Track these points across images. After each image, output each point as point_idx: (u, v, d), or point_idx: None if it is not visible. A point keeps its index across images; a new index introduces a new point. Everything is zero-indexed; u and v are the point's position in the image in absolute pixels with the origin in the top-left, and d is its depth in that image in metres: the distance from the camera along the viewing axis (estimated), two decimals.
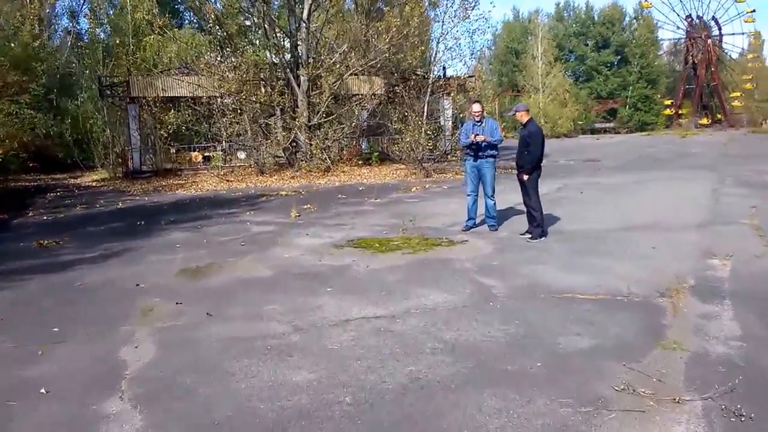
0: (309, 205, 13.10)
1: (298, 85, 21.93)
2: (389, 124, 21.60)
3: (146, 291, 6.49)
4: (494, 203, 9.58)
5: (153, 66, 21.34)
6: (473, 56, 25.09)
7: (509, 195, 11.46)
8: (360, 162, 23.36)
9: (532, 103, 54.70)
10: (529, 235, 8.71)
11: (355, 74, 22.42)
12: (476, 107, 9.46)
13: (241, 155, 23.23)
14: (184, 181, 20.62)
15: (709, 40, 68.41)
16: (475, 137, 9.13)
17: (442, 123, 24.75)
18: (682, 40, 72.50)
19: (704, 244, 8.05)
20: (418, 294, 6.07)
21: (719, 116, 68.40)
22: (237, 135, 21.14)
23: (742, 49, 71.16)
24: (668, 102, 71.55)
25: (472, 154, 9.44)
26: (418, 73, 23.03)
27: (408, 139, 19.65)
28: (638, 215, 10.42)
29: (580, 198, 12.88)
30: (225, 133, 20.76)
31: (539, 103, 57.93)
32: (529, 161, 8.46)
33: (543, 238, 8.59)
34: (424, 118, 21.61)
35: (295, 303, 5.89)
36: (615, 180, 16.22)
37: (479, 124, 9.36)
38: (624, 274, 6.66)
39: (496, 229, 9.50)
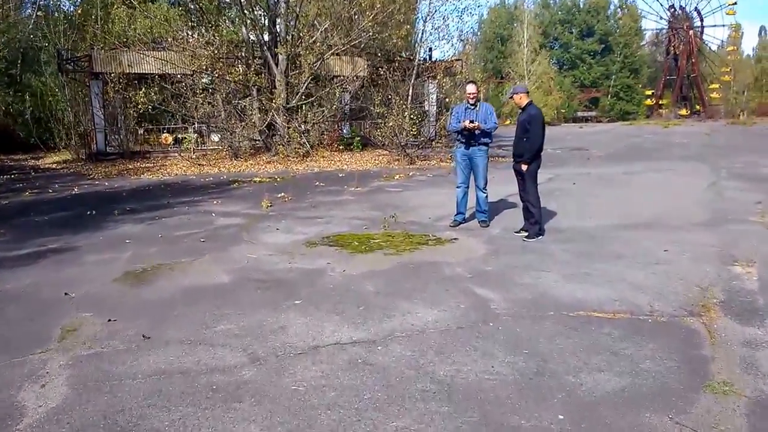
0: (283, 194, 12.02)
1: (276, 64, 20.71)
2: (372, 108, 20.52)
3: (75, 302, 5.40)
4: (486, 196, 8.60)
5: (119, 40, 19.91)
6: (461, 38, 24.00)
7: (498, 186, 10.49)
8: (341, 147, 22.26)
9: None
10: (525, 234, 7.75)
11: (337, 54, 21.25)
12: (471, 88, 8.43)
13: (215, 138, 21.99)
14: (151, 165, 19.39)
15: (691, 31, 68.00)
16: (467, 124, 8.10)
17: (426, 108, 23.69)
18: (665, 31, 72.04)
19: (719, 247, 7.15)
20: (403, 310, 5.06)
21: (698, 107, 68.21)
22: (209, 116, 19.90)
23: (722, 41, 71.02)
24: (649, 92, 71.17)
25: (464, 141, 8.43)
26: (403, 54, 21.90)
27: (391, 124, 18.58)
28: (639, 210, 9.50)
29: (574, 190, 11.94)
30: (196, 114, 19.51)
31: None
32: (529, 149, 7.47)
33: (540, 236, 7.62)
34: (409, 102, 20.55)
35: (254, 321, 4.86)
36: (607, 170, 15.33)
37: (473, 107, 8.33)
38: (641, 284, 5.72)
39: (488, 225, 8.53)
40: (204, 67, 18.81)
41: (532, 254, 6.93)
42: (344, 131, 23.73)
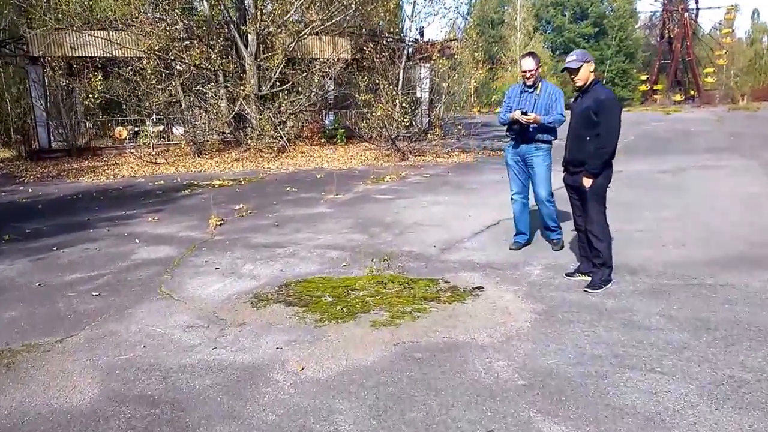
0: (242, 205, 9.31)
1: (245, 45, 17.91)
2: (357, 95, 17.79)
3: None
4: (554, 208, 6.30)
5: (59, 19, 16.96)
6: (458, 12, 21.15)
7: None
8: (323, 140, 19.53)
9: (509, 76, 51.22)
10: (584, 278, 5.15)
11: (316, 33, 18.48)
12: (526, 63, 5.95)
13: (178, 131, 19.16)
14: (101, 164, 16.59)
15: (686, 14, 65.62)
16: (518, 115, 5.86)
17: (419, 95, 20.94)
18: (659, 13, 69.66)
19: None
20: None
21: (692, 93, 65.91)
22: (166, 106, 17.10)
23: (716, 23, 68.76)
24: (644, 77, 68.78)
25: (514, 137, 6.09)
26: (392, 32, 19.12)
27: (379, 114, 15.87)
28: (725, 229, 6.88)
29: (614, 198, 9.24)
30: (151, 104, 16.69)
31: (516, 76, 54.44)
32: (596, 155, 4.80)
33: (608, 284, 4.98)
34: (399, 88, 17.81)
35: None
36: (638, 168, 12.64)
37: (530, 90, 5.93)
38: None
39: (560, 246, 6.29)
40: (156, 49, 15.96)
41: (612, 322, 4.29)
42: (327, 122, 20.95)
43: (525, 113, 5.75)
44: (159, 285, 5.59)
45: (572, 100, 5.15)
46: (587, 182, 4.86)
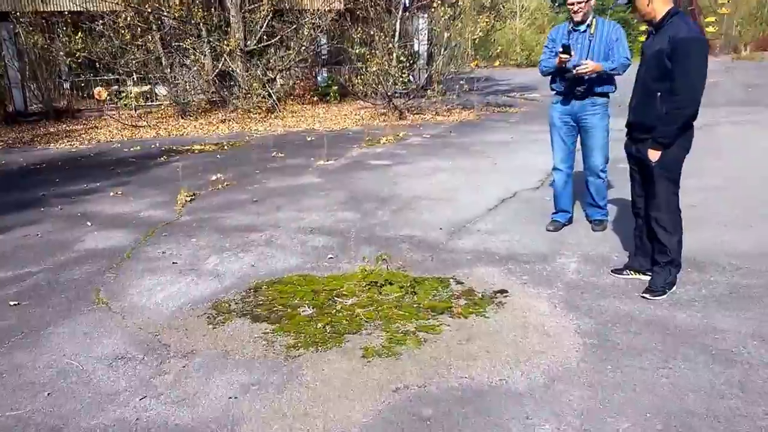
0: (220, 175, 8.10)
1: None
2: (350, 49, 16.33)
3: None
4: (605, 181, 5.13)
5: None
6: None
7: (522, 157, 6.62)
8: (315, 99, 18.15)
9: (507, 29, 49.28)
10: (641, 276, 4.00)
11: None
12: None
13: (162, 91, 17.74)
14: (79, 128, 15.26)
15: None
16: (564, 58, 4.65)
17: (417, 48, 19.42)
18: None
19: None
20: None
21: None
22: (145, 64, 15.67)
23: None
24: (643, 27, 66.45)
25: (563, 90, 4.87)
26: None
27: (374, 69, 14.47)
28: None
29: None
30: (121, 62, 15.26)
31: (516, 29, 52.47)
32: (670, 119, 3.55)
33: (672, 287, 3.81)
34: (396, 40, 16.35)
35: None
36: None
37: (582, 29, 4.73)
38: None
39: (603, 227, 5.16)
40: (132, 0, 14.47)
41: (693, 351, 3.16)
42: (319, 80, 19.52)
43: (566, 51, 4.53)
44: (97, 289, 4.43)
45: (643, 40, 3.91)
46: (654, 155, 3.65)
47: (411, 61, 16.83)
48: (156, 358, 3.37)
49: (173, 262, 4.94)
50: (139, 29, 15.31)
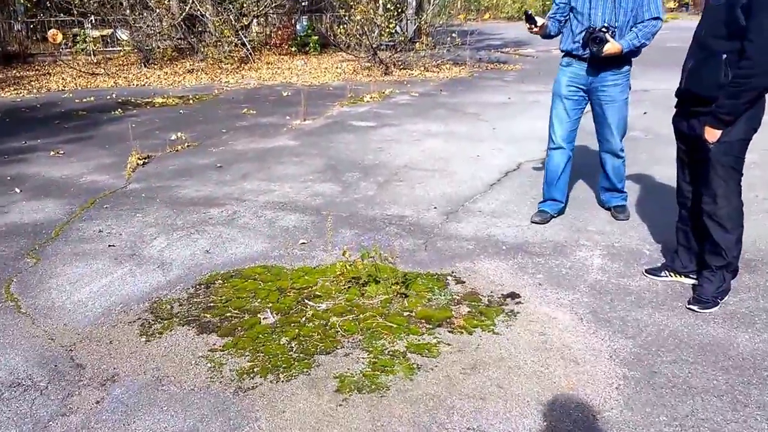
0: (181, 134, 7.16)
1: None
2: None
3: None
4: (624, 161, 4.29)
5: None
6: None
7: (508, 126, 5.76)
8: (293, 50, 16.97)
9: None
10: (675, 277, 3.24)
11: None
12: None
13: (123, 36, 16.42)
14: (32, 74, 14.04)
15: None
16: (535, 32, 3.99)
17: None
18: None
19: None
20: None
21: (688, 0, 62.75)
22: (102, 5, 14.40)
23: None
24: None
25: (577, 54, 3.97)
26: None
27: (358, 18, 13.38)
28: None
29: (666, 133, 7.21)
30: (77, 1, 13.98)
31: None
32: (737, 89, 2.71)
33: (725, 297, 3.04)
34: None
35: None
36: (670, 86, 10.50)
37: None
38: None
39: (627, 215, 4.31)
40: None
41: None
42: (299, 27, 18.28)
43: (597, 34, 3.66)
44: (8, 281, 3.56)
45: None
46: (713, 134, 2.83)
47: (399, 10, 15.70)
48: (63, 387, 2.54)
49: (110, 245, 4.07)
50: None
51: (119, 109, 9.17)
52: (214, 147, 6.78)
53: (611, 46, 3.69)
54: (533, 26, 3.90)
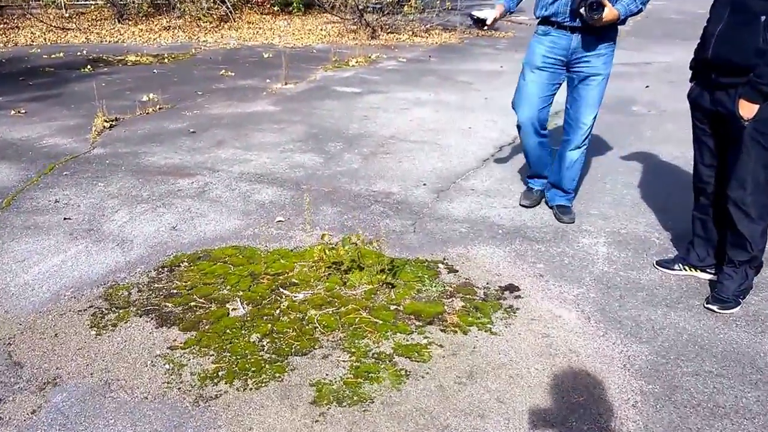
0: (153, 96, 6.66)
1: None
2: None
3: None
4: (584, 156, 3.74)
5: None
6: None
7: (501, 96, 5.39)
8: (276, 9, 16.30)
9: None
10: (689, 271, 2.97)
11: None
12: None
13: None
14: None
15: None
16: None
17: None
18: None
19: None
20: None
21: None
22: None
23: None
24: None
25: (563, 18, 3.39)
26: None
27: None
28: None
29: (669, 106, 6.88)
30: None
31: None
32: None
33: (746, 295, 2.74)
34: None
35: None
36: (675, 57, 10.14)
37: None
38: None
39: (572, 218, 3.71)
40: None
41: None
42: None
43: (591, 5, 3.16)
44: None
45: None
46: (749, 109, 2.49)
47: None
48: None
49: (65, 218, 3.67)
50: None
51: (89, 67, 8.62)
52: (187, 110, 6.32)
53: (609, 12, 3.19)
54: (484, 25, 3.46)
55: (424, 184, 4.27)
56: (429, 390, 2.21)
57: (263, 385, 2.23)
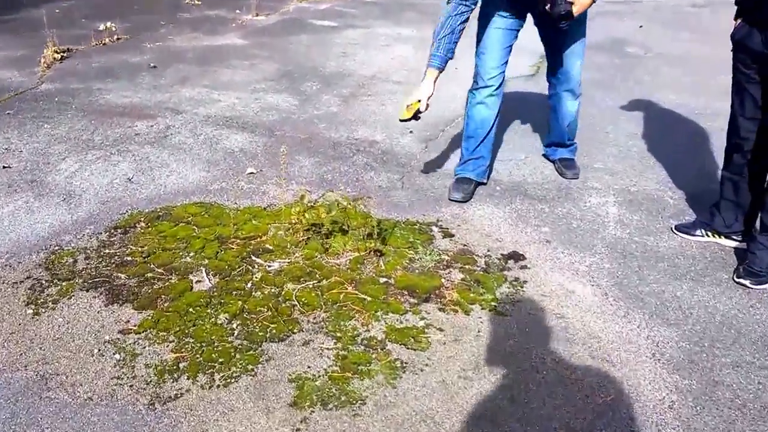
0: (110, 24, 6.04)
1: None
2: None
3: None
4: (579, 102, 3.27)
5: None
6: None
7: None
8: None
9: None
10: (711, 237, 2.68)
11: None
12: None
13: None
14: None
15: None
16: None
17: None
18: None
19: None
20: None
21: None
22: None
23: None
24: None
25: None
26: None
27: None
28: None
29: (676, 52, 6.43)
30: None
31: None
32: None
33: None
34: None
35: None
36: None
37: None
38: None
39: (576, 172, 3.33)
40: None
41: None
42: None
43: None
44: None
45: None
46: None
47: None
48: None
49: (4, 166, 3.21)
50: None
51: None
52: (149, 42, 5.74)
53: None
54: (418, 117, 2.82)
55: (411, 132, 3.85)
56: (430, 387, 1.88)
57: (233, 380, 1.88)
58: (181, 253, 2.50)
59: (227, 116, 4.02)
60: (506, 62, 3.01)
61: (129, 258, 2.46)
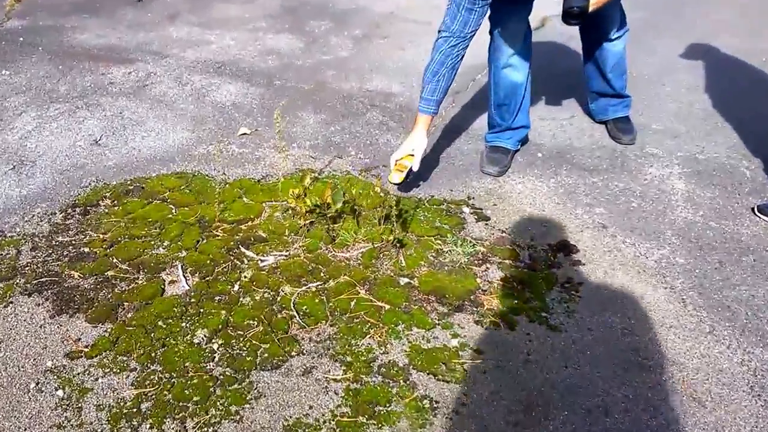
0: None
1: None
2: None
3: None
4: (625, 44, 2.64)
5: None
6: None
7: None
8: None
9: None
10: None
11: None
12: None
13: None
14: None
15: None
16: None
17: None
18: None
19: None
20: None
21: None
22: None
23: None
24: None
25: None
26: None
27: None
28: None
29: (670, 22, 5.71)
30: None
31: None
32: None
33: None
34: None
35: None
36: None
37: None
38: None
39: (633, 137, 2.76)
40: None
41: None
42: None
43: None
44: None
45: None
46: None
47: None
48: None
49: None
50: None
51: None
52: None
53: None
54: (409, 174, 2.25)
55: (413, 84, 3.27)
56: None
57: (210, 430, 1.42)
58: (152, 242, 2.02)
59: (219, 61, 3.46)
60: (530, 10, 2.42)
61: (86, 249, 1.98)
